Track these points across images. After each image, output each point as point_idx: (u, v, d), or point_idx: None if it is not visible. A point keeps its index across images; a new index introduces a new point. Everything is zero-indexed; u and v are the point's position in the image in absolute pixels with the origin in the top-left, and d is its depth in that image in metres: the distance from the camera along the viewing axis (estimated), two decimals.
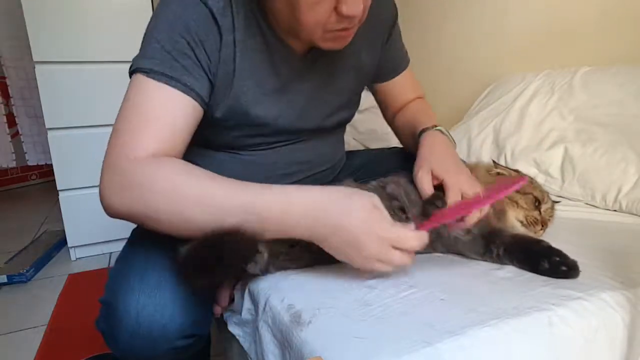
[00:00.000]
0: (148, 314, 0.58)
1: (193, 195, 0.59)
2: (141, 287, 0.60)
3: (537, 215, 0.77)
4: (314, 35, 0.66)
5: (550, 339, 0.52)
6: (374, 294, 0.59)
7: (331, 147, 0.93)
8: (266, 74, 0.73)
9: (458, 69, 1.94)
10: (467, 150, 1.46)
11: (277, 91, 0.75)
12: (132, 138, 0.61)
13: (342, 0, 0.60)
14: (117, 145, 0.62)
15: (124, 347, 0.60)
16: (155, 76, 0.63)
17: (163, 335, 0.59)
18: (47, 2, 1.57)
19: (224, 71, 0.69)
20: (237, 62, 0.69)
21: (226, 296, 0.74)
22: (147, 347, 0.59)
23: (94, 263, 1.80)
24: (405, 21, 0.92)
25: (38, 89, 1.61)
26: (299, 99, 0.78)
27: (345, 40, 0.69)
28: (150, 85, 0.63)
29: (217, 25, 0.66)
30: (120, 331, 0.59)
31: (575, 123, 1.20)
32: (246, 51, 0.70)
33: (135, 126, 0.62)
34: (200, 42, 0.65)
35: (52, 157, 1.68)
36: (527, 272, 0.64)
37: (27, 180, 3.15)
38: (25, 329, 1.31)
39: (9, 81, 2.55)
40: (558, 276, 0.62)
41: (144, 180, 0.59)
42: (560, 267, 0.62)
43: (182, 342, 0.62)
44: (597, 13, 1.34)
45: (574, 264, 0.63)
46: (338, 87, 0.83)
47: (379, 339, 0.49)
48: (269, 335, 0.60)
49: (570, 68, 1.33)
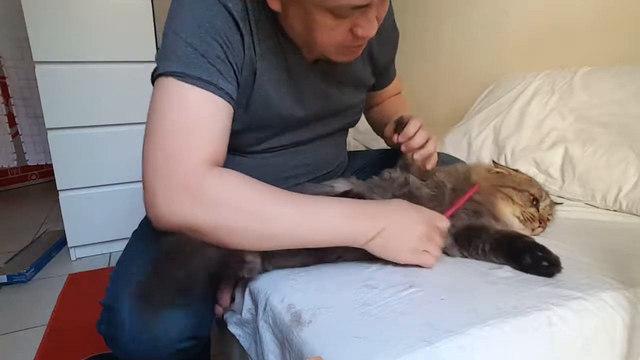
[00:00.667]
0: (149, 317, 0.58)
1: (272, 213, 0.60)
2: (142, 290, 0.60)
3: (534, 212, 0.78)
4: (327, 52, 0.68)
5: (550, 339, 0.52)
6: (373, 293, 0.59)
7: (334, 150, 0.94)
8: (281, 75, 0.74)
9: (458, 69, 1.94)
10: (467, 150, 1.46)
11: (291, 92, 0.76)
12: (182, 143, 0.59)
13: (359, 24, 0.61)
14: (165, 151, 0.59)
15: (126, 351, 0.60)
16: (192, 81, 0.61)
17: (165, 339, 0.59)
18: (47, 2, 1.56)
19: (247, 72, 0.70)
20: (257, 64, 0.70)
21: (227, 296, 0.74)
22: (149, 351, 0.59)
23: (94, 263, 1.80)
24: (405, 21, 0.92)
25: (38, 89, 1.61)
26: (310, 100, 0.79)
27: (357, 54, 0.71)
28: (188, 90, 0.61)
29: (238, 27, 0.66)
30: (122, 335, 0.59)
31: (576, 123, 1.20)
32: (264, 53, 0.71)
33: (181, 131, 0.60)
34: (230, 43, 0.65)
35: (52, 157, 1.68)
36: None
37: (27, 180, 3.15)
38: (25, 329, 1.31)
39: (9, 81, 2.55)
40: (540, 271, 0.63)
41: (213, 193, 0.58)
42: (542, 262, 0.63)
43: (184, 344, 0.62)
44: (597, 13, 1.34)
45: (556, 259, 0.63)
46: (345, 91, 0.85)
47: (378, 339, 0.49)
48: (269, 335, 0.60)
49: (570, 68, 1.33)
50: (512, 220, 0.77)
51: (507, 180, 0.82)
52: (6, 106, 2.65)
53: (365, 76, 0.89)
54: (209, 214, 0.58)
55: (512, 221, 0.77)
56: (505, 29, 1.67)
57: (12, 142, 2.68)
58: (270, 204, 0.60)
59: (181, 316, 0.60)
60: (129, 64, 1.70)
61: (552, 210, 0.82)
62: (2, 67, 2.55)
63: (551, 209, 0.82)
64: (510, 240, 0.68)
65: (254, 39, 0.68)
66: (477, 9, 1.79)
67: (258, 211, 0.59)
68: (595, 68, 1.27)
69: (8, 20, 2.41)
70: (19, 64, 2.54)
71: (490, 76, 1.68)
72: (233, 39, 0.65)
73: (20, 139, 2.61)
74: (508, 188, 0.79)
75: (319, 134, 0.87)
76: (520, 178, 0.84)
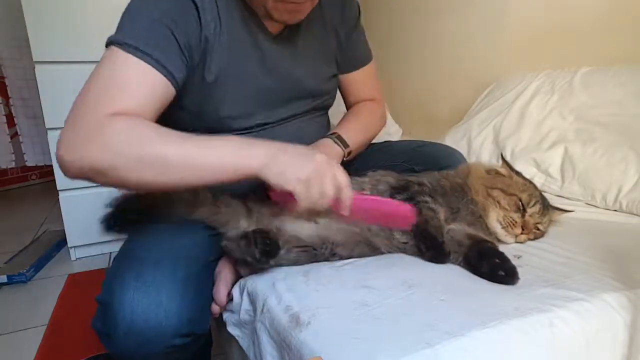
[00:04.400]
0: (142, 311, 0.58)
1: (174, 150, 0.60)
2: (136, 284, 0.60)
3: (517, 217, 0.75)
4: (266, 4, 0.72)
5: (551, 340, 0.52)
6: (372, 294, 0.59)
7: (316, 130, 0.95)
8: (249, 50, 0.79)
9: (458, 69, 1.94)
10: (467, 150, 1.46)
11: (259, 65, 0.80)
12: (105, 99, 0.62)
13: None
14: (86, 104, 0.62)
15: (119, 346, 0.60)
16: (130, 50, 0.65)
17: (158, 333, 0.59)
18: (47, 2, 1.56)
19: (206, 49, 0.74)
20: (220, 40, 0.74)
21: (224, 295, 0.74)
22: (141, 345, 0.59)
23: (94, 263, 1.79)
24: (405, 21, 0.93)
25: (37, 89, 1.61)
26: (277, 70, 0.83)
27: (296, 15, 0.75)
28: (125, 57, 0.65)
29: (196, 6, 0.71)
30: (115, 329, 0.59)
31: (576, 123, 1.20)
32: (230, 29, 0.75)
33: (108, 90, 0.63)
34: (177, 23, 0.69)
35: (52, 157, 1.68)
36: (525, 272, 0.64)
37: (27, 180, 3.14)
38: (25, 329, 1.31)
39: (8, 81, 2.55)
40: (496, 280, 0.62)
41: (110, 134, 0.59)
42: (498, 272, 0.62)
43: (179, 340, 0.62)
44: (597, 13, 1.34)
45: (512, 269, 0.62)
46: (309, 63, 0.88)
47: (378, 340, 0.49)
48: (266, 337, 0.60)
49: (570, 68, 1.33)
50: (495, 225, 0.75)
51: (497, 183, 0.80)
52: (5, 106, 2.65)
53: (330, 48, 0.92)
54: (104, 154, 0.59)
55: (495, 226, 0.75)
56: (505, 29, 1.67)
57: (10, 143, 2.68)
58: (164, 135, 0.62)
59: (175, 310, 0.60)
60: None
61: (542, 219, 0.78)
62: (1, 67, 2.54)
63: (542, 216, 0.78)
64: (471, 246, 0.68)
65: (219, 14, 0.74)
66: (477, 9, 1.79)
67: (151, 143, 0.61)
68: (595, 68, 1.27)
69: (7, 20, 2.41)
70: (18, 64, 2.53)
71: (490, 76, 1.68)
72: (185, 18, 0.70)
73: (19, 139, 2.60)
74: (497, 190, 0.77)
75: (296, 112, 0.89)
76: (514, 182, 0.81)
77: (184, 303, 0.62)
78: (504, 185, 0.79)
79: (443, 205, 0.75)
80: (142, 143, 0.60)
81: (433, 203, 0.74)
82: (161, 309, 0.59)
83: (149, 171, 0.60)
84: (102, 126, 0.59)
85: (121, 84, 0.64)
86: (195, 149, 0.62)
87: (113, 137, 0.59)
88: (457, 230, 0.74)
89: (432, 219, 0.71)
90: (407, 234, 0.73)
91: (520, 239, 0.76)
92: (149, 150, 0.60)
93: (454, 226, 0.74)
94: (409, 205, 0.69)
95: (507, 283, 0.61)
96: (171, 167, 0.60)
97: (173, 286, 0.61)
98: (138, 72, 0.65)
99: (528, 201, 0.77)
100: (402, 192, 0.76)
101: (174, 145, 0.61)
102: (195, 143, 0.62)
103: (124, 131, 0.60)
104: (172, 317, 0.60)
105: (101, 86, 0.64)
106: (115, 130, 0.60)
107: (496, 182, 0.80)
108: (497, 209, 0.76)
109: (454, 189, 0.78)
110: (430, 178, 0.80)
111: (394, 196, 0.75)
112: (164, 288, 0.61)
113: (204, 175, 0.62)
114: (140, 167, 0.60)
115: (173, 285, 0.61)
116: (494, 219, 0.75)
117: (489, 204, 0.76)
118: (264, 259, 0.65)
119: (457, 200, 0.76)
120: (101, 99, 0.62)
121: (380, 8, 2.36)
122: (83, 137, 0.60)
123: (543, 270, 0.66)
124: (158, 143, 0.61)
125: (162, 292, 0.60)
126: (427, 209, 0.72)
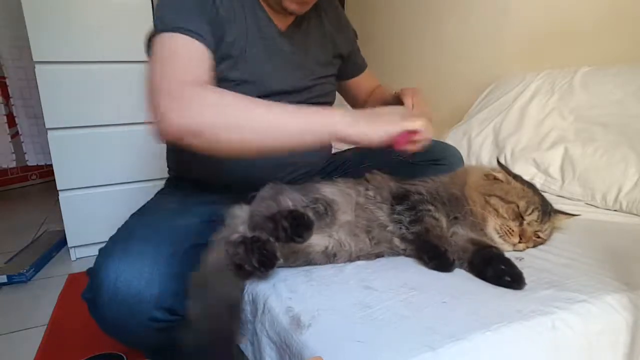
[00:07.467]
0: (126, 279, 0.63)
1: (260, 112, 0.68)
2: (123, 255, 0.65)
3: (514, 226, 0.73)
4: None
5: (554, 343, 0.52)
6: (374, 296, 0.59)
7: None
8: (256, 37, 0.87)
9: (458, 69, 1.94)
10: (467, 150, 1.46)
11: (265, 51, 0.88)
12: (179, 70, 0.70)
13: None
14: (167, 78, 0.69)
15: (103, 312, 0.64)
16: (177, 30, 0.73)
17: (139, 299, 0.63)
18: (47, 2, 1.56)
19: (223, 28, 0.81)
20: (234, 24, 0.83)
21: None
22: (124, 313, 0.63)
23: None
24: (405, 21, 0.93)
25: (38, 89, 1.60)
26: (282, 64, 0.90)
27: (304, 6, 0.85)
28: (175, 37, 0.73)
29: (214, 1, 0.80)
30: (100, 295, 0.63)
31: (576, 123, 1.20)
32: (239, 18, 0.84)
33: (177, 62, 0.72)
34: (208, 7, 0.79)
35: (52, 157, 1.68)
36: (527, 274, 0.64)
37: (27, 180, 3.14)
38: (25, 329, 1.31)
39: (9, 81, 2.54)
40: (502, 285, 0.62)
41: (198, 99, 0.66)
42: (504, 277, 0.62)
43: (160, 314, 0.65)
44: (597, 13, 1.34)
45: (519, 275, 0.62)
46: (314, 59, 0.97)
47: (380, 343, 0.49)
48: (265, 339, 0.60)
49: (570, 68, 1.33)
50: (492, 233, 0.74)
51: (496, 189, 0.78)
52: (6, 106, 2.64)
53: (326, 52, 1.00)
54: (203, 117, 0.66)
55: (492, 235, 0.74)
56: (505, 29, 1.67)
57: (11, 143, 2.68)
58: (248, 102, 0.69)
59: (158, 281, 0.64)
60: (129, 64, 1.69)
61: (542, 226, 0.76)
62: (2, 67, 2.54)
63: (542, 224, 0.76)
64: (476, 252, 0.67)
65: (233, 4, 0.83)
66: (477, 8, 1.79)
67: (241, 108, 0.68)
68: (595, 68, 1.27)
69: (8, 20, 2.41)
70: (19, 64, 2.53)
71: (490, 76, 1.68)
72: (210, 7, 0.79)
73: (20, 139, 2.60)
74: (495, 198, 0.76)
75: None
76: (512, 187, 0.79)
77: (166, 276, 0.65)
78: (502, 192, 0.77)
79: (444, 215, 0.75)
80: (237, 106, 0.67)
81: (435, 212, 0.74)
82: (143, 278, 0.64)
83: (243, 133, 0.66)
84: (194, 93, 0.67)
85: (180, 57, 0.72)
86: (282, 110, 0.69)
87: (208, 101, 0.67)
88: (461, 235, 0.73)
89: (434, 228, 0.71)
90: (406, 240, 0.73)
91: (519, 247, 0.74)
92: (242, 113, 0.67)
93: (457, 230, 0.74)
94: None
95: (514, 288, 0.61)
96: (259, 130, 0.67)
97: (157, 259, 0.66)
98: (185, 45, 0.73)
99: (526, 209, 0.75)
100: (402, 202, 0.76)
101: (262, 107, 0.68)
102: (281, 106, 0.69)
103: (215, 97, 0.68)
104: (153, 286, 0.64)
105: (168, 63, 0.72)
106: (208, 96, 0.67)
107: (494, 188, 0.78)
108: (494, 218, 0.74)
109: (451, 201, 0.77)
110: (428, 187, 0.79)
111: (394, 206, 0.77)
112: (148, 259, 0.65)
113: (289, 139, 0.68)
114: (234, 129, 0.66)
115: (157, 257, 0.66)
116: (491, 227, 0.74)
117: (487, 213, 0.75)
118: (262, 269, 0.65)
119: (456, 212, 0.76)
120: (176, 72, 0.70)
121: (380, 8, 2.36)
122: (179, 104, 0.66)
123: (545, 272, 0.66)
124: (251, 105, 0.68)
125: (146, 262, 0.65)
126: (430, 217, 0.72)
